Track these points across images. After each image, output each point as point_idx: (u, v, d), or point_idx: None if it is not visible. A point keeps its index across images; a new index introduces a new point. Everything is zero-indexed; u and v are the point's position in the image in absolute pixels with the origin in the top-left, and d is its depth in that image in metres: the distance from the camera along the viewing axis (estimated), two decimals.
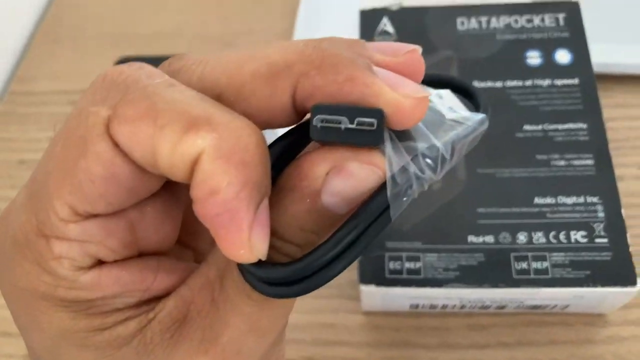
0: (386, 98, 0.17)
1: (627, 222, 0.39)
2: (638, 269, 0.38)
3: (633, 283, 0.34)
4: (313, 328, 0.40)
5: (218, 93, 0.17)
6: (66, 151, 0.16)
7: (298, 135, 0.19)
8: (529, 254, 0.35)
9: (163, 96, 0.16)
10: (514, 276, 0.35)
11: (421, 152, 0.18)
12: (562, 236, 0.36)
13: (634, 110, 0.46)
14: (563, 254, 0.35)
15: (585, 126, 0.39)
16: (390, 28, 0.44)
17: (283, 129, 0.19)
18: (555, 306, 0.37)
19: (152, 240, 0.18)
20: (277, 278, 0.17)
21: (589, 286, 0.34)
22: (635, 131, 0.45)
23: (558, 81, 0.41)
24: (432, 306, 0.38)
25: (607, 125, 0.44)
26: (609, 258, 0.35)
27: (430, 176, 0.18)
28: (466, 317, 0.39)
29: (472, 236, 0.36)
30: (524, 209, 0.37)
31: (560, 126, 0.39)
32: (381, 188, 0.17)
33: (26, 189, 0.17)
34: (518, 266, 0.35)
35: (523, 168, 0.38)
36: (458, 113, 0.20)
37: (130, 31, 0.56)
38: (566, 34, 0.42)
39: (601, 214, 0.36)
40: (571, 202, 0.37)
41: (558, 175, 0.37)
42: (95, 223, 0.17)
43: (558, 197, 0.37)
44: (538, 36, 0.42)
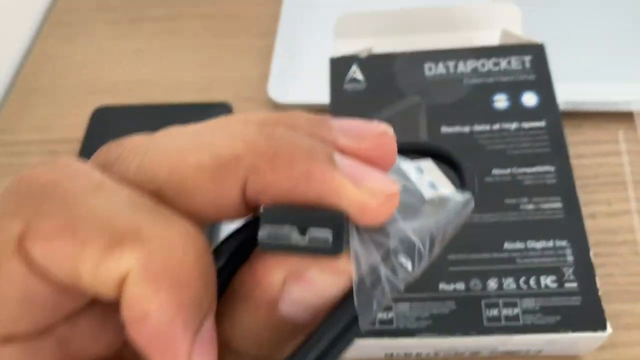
0: (348, 197, 0.15)
1: (599, 260, 0.39)
2: (612, 307, 0.38)
3: (603, 328, 0.34)
4: None
5: (157, 187, 0.15)
6: None
7: (251, 231, 0.17)
8: (500, 301, 0.36)
9: (86, 206, 0.14)
10: (485, 324, 0.35)
11: (393, 249, 0.15)
12: (532, 281, 0.36)
13: (603, 146, 0.46)
14: (533, 300, 0.35)
15: (552, 169, 0.39)
16: (359, 75, 0.44)
17: None
18: (528, 351, 0.37)
19: (91, 352, 0.16)
20: None
21: (560, 332, 0.34)
22: (604, 167, 0.45)
23: (525, 124, 0.41)
24: (407, 354, 0.38)
25: (577, 162, 0.44)
26: (579, 303, 0.35)
27: (404, 277, 0.16)
28: None
29: (443, 284, 0.36)
30: (494, 255, 0.37)
31: (528, 169, 0.39)
32: (348, 294, 0.15)
33: None
34: (489, 313, 0.35)
35: (492, 213, 0.38)
36: (439, 191, 0.18)
37: (107, 80, 0.57)
38: (532, 77, 0.43)
39: (570, 258, 0.36)
40: (540, 247, 0.37)
41: (527, 219, 0.38)
42: (15, 347, 0.14)
43: (527, 242, 0.37)
44: (505, 79, 0.43)
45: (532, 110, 0.42)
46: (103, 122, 0.52)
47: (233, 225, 0.17)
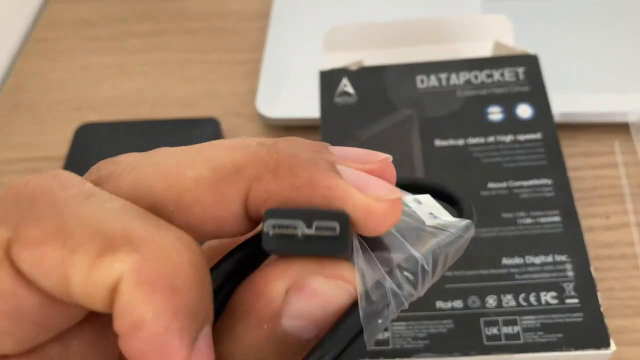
0: (354, 201, 0.14)
1: (598, 275, 0.38)
2: (614, 323, 0.37)
3: (607, 345, 0.33)
4: None
5: (153, 202, 0.15)
6: None
7: (252, 247, 0.16)
8: (499, 319, 0.34)
9: (76, 212, 0.13)
10: (485, 342, 0.34)
11: (397, 264, 0.15)
12: (532, 298, 0.35)
13: (599, 158, 0.46)
14: (534, 317, 0.34)
15: (550, 182, 0.38)
16: (350, 89, 0.43)
17: None
18: None
19: None
20: None
21: (562, 350, 0.33)
22: (601, 180, 0.45)
23: (520, 136, 0.40)
24: None
25: (573, 174, 0.43)
26: (581, 319, 0.34)
27: (409, 292, 0.15)
28: None
29: (440, 302, 0.35)
30: (492, 271, 0.36)
31: (524, 183, 0.38)
32: (353, 308, 0.15)
33: None
34: (488, 332, 0.34)
35: (489, 227, 0.37)
36: (439, 219, 0.18)
37: (91, 96, 0.56)
38: (526, 88, 0.42)
39: (570, 273, 0.35)
40: (539, 262, 0.36)
41: (525, 234, 0.37)
42: None
43: (526, 257, 0.36)
44: (498, 91, 0.42)
45: (527, 122, 0.41)
46: (87, 139, 0.50)
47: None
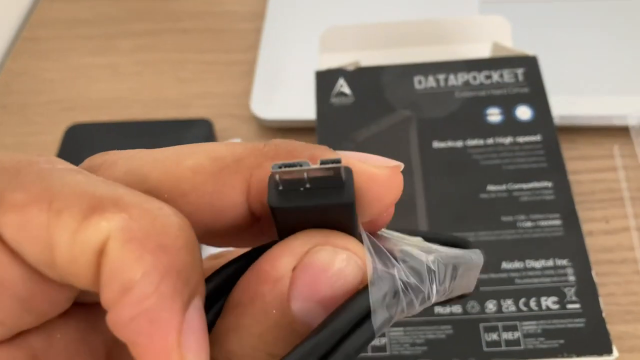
0: (357, 171, 0.14)
1: (598, 280, 0.37)
2: (615, 329, 0.36)
3: (609, 351, 0.32)
4: None
5: (148, 188, 0.14)
6: None
7: (250, 260, 0.15)
8: (499, 324, 0.34)
9: (62, 178, 0.13)
10: (485, 349, 0.33)
11: (402, 259, 0.14)
12: (533, 303, 0.34)
13: (599, 162, 0.45)
14: (535, 323, 0.33)
15: (550, 185, 0.38)
16: (347, 89, 0.42)
17: None
18: None
19: None
20: None
21: (564, 356, 0.32)
22: (600, 184, 0.44)
23: (520, 138, 0.40)
24: None
25: (572, 178, 0.43)
26: (583, 325, 0.33)
27: (416, 284, 0.14)
28: None
29: (439, 306, 0.34)
30: (492, 275, 0.35)
31: (524, 185, 0.38)
32: (361, 291, 0.14)
33: None
34: (488, 338, 0.33)
35: (489, 231, 0.36)
36: (447, 248, 0.17)
37: (83, 97, 0.55)
38: (526, 90, 0.42)
39: (572, 278, 0.35)
40: (540, 266, 0.35)
41: (525, 237, 0.36)
42: None
43: (526, 261, 0.35)
44: (497, 92, 0.42)
45: (527, 124, 0.40)
46: (77, 140, 0.49)
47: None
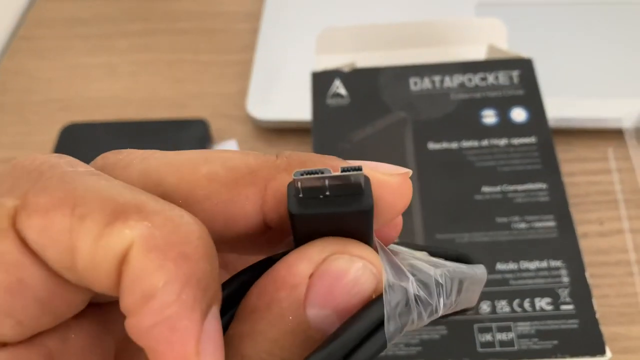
0: (372, 179, 0.14)
1: (592, 281, 0.38)
2: (608, 330, 0.36)
3: (602, 352, 0.32)
4: None
5: (161, 193, 0.14)
6: None
7: (262, 269, 0.15)
8: (493, 325, 0.34)
9: (85, 183, 0.13)
10: (478, 349, 0.33)
11: (412, 273, 0.15)
12: (527, 304, 0.34)
13: (594, 164, 0.45)
14: (528, 324, 0.34)
15: (545, 186, 0.38)
16: (342, 90, 0.42)
17: None
18: None
19: None
20: None
21: (557, 357, 0.33)
22: (595, 186, 0.44)
23: (515, 140, 0.40)
24: None
25: (567, 180, 0.43)
26: (576, 326, 0.33)
27: (426, 298, 0.15)
28: None
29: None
30: (487, 276, 0.35)
31: (519, 187, 0.38)
32: (376, 299, 0.14)
33: None
34: (482, 338, 0.33)
35: (483, 232, 0.36)
36: (452, 263, 0.17)
37: (78, 96, 0.55)
38: (521, 92, 0.42)
39: (566, 279, 0.35)
40: (534, 267, 0.35)
41: (519, 238, 0.36)
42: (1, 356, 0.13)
43: (520, 262, 0.35)
44: (493, 94, 0.42)
45: (522, 126, 0.40)
46: (73, 140, 0.49)
47: None
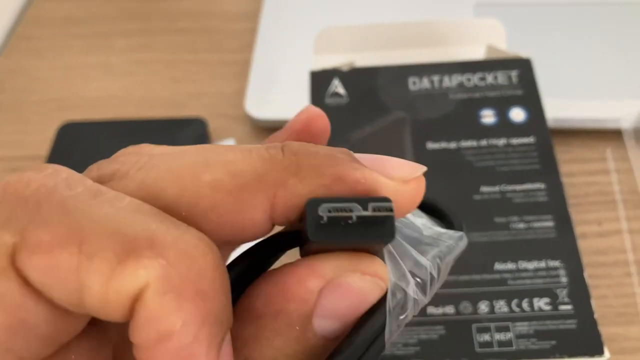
0: (387, 190, 0.14)
1: (591, 282, 0.38)
2: (606, 331, 0.36)
3: (600, 352, 0.32)
4: None
5: (163, 205, 0.14)
6: None
7: (260, 252, 0.16)
8: (492, 325, 0.34)
9: (89, 212, 0.12)
10: (477, 349, 0.33)
11: (409, 270, 0.15)
12: (525, 304, 0.34)
13: (592, 164, 0.45)
14: (527, 324, 0.33)
15: (543, 186, 0.38)
16: (341, 89, 0.42)
17: None
18: None
19: None
20: None
21: (555, 357, 0.32)
22: (594, 186, 0.44)
23: (514, 140, 0.40)
24: None
25: (566, 180, 0.43)
26: (575, 326, 0.33)
27: (421, 297, 0.15)
28: None
29: (432, 307, 0.34)
30: (485, 276, 0.35)
31: (518, 187, 0.38)
32: (378, 306, 0.14)
33: None
34: (480, 338, 0.33)
35: (482, 232, 0.36)
36: (433, 229, 0.18)
37: (76, 95, 0.54)
38: (520, 92, 0.42)
39: (564, 279, 0.35)
40: (533, 267, 0.35)
41: (518, 238, 0.36)
42: None
43: (519, 262, 0.35)
44: (492, 94, 0.42)
45: (521, 126, 0.40)
46: (70, 139, 0.49)
47: None
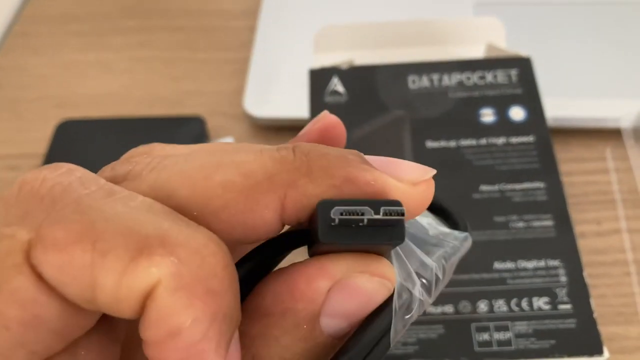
0: (394, 192, 0.14)
1: (590, 281, 0.37)
2: (606, 330, 0.36)
3: (600, 352, 0.32)
4: None
5: (175, 205, 0.14)
6: None
7: (270, 250, 0.16)
8: (491, 324, 0.33)
9: (103, 211, 0.12)
10: (476, 349, 0.33)
11: (415, 271, 0.15)
12: (525, 303, 0.34)
13: (591, 164, 0.45)
14: (526, 323, 0.33)
15: (542, 185, 0.38)
16: (340, 88, 0.42)
17: None
18: None
19: None
20: None
21: (555, 357, 0.32)
22: (593, 186, 0.44)
23: (513, 139, 0.40)
24: None
25: (565, 180, 0.43)
26: (574, 325, 0.33)
27: (426, 298, 0.15)
28: None
29: (431, 306, 0.34)
30: (484, 275, 0.35)
31: (517, 186, 0.38)
32: (384, 305, 0.14)
33: None
34: (479, 337, 0.33)
35: (481, 231, 0.36)
36: (438, 229, 0.18)
37: (74, 93, 0.54)
38: (519, 91, 0.42)
39: (563, 278, 0.34)
40: (532, 267, 0.35)
41: (517, 237, 0.36)
42: None
43: (518, 262, 0.35)
44: (491, 93, 0.42)
45: (520, 124, 0.40)
46: (68, 137, 0.49)
47: None
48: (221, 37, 0.57)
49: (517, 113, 0.41)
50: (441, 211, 0.19)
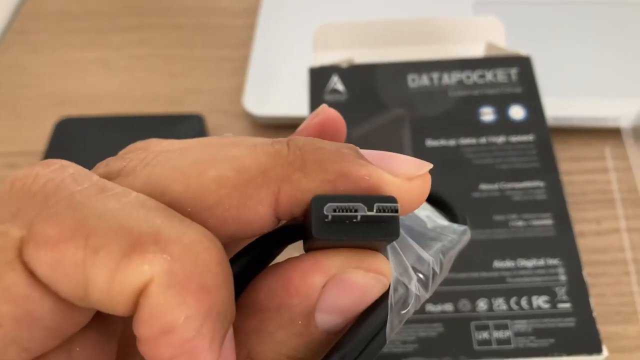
0: (389, 187, 0.14)
1: (590, 280, 0.37)
2: (605, 329, 0.36)
3: (599, 351, 0.32)
4: None
5: (170, 200, 0.14)
6: None
7: (265, 245, 0.16)
8: (490, 323, 0.33)
9: (95, 207, 0.12)
10: (475, 347, 0.33)
11: (412, 266, 0.15)
12: (524, 302, 0.34)
13: (591, 163, 0.45)
14: (525, 322, 0.33)
15: (542, 184, 0.38)
16: (340, 86, 0.42)
17: None
18: None
19: None
20: None
21: (554, 355, 0.32)
22: (592, 185, 0.44)
23: (513, 138, 0.40)
24: None
25: (565, 179, 0.43)
26: (573, 324, 0.33)
27: (422, 292, 0.15)
28: None
29: (430, 304, 0.34)
30: (483, 274, 0.35)
31: (517, 185, 0.38)
32: (380, 301, 0.14)
33: None
34: (479, 336, 0.33)
35: (480, 230, 0.36)
36: (436, 222, 0.18)
37: (73, 91, 0.54)
38: (519, 90, 0.42)
39: (563, 277, 0.35)
40: (531, 265, 0.35)
41: (517, 236, 0.36)
42: None
43: (518, 260, 0.35)
44: (491, 92, 0.42)
45: (520, 123, 0.40)
46: (67, 134, 0.49)
47: None
48: (221, 35, 0.57)
49: (517, 112, 0.41)
50: (440, 203, 0.19)
